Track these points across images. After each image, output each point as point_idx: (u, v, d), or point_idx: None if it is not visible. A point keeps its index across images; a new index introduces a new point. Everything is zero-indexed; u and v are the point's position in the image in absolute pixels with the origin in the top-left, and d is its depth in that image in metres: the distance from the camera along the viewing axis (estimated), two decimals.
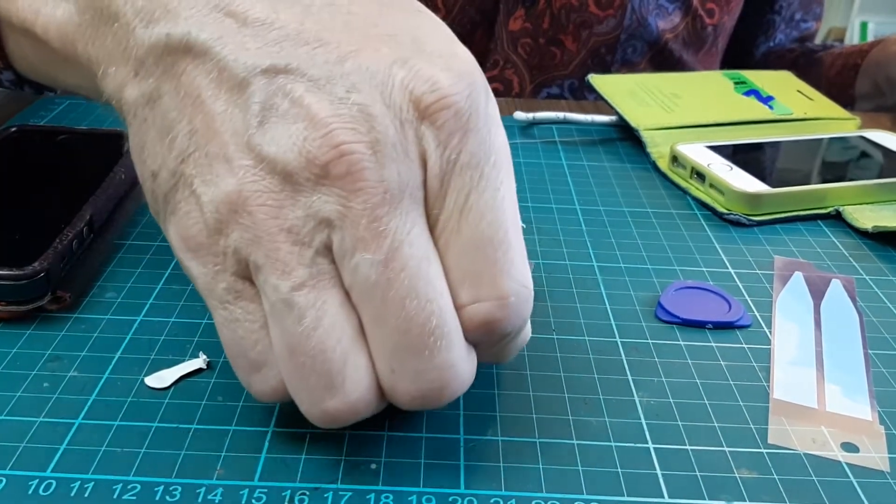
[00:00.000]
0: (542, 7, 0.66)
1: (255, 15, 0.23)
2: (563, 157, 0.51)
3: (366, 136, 0.22)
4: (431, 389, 0.23)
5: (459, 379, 0.23)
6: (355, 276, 0.22)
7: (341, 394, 0.22)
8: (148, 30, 0.24)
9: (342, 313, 0.22)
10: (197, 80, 0.23)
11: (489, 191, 0.23)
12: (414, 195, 0.22)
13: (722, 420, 0.28)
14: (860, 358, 0.32)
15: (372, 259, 0.22)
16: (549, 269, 0.37)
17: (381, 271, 0.22)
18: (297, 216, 0.22)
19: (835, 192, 0.45)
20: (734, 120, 0.56)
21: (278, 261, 0.22)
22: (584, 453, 0.26)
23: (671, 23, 0.69)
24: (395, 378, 0.23)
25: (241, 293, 0.23)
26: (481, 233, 0.23)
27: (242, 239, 0.22)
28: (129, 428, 0.26)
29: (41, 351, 0.30)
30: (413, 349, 0.22)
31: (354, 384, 0.22)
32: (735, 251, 0.40)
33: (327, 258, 0.22)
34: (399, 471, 0.25)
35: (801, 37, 0.80)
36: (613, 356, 0.31)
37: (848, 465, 0.27)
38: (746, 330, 0.34)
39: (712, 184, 0.45)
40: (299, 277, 0.22)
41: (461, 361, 0.23)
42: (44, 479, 0.24)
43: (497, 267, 0.23)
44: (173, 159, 0.24)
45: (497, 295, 0.23)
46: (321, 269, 0.22)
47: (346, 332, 0.22)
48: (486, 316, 0.23)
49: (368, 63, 0.23)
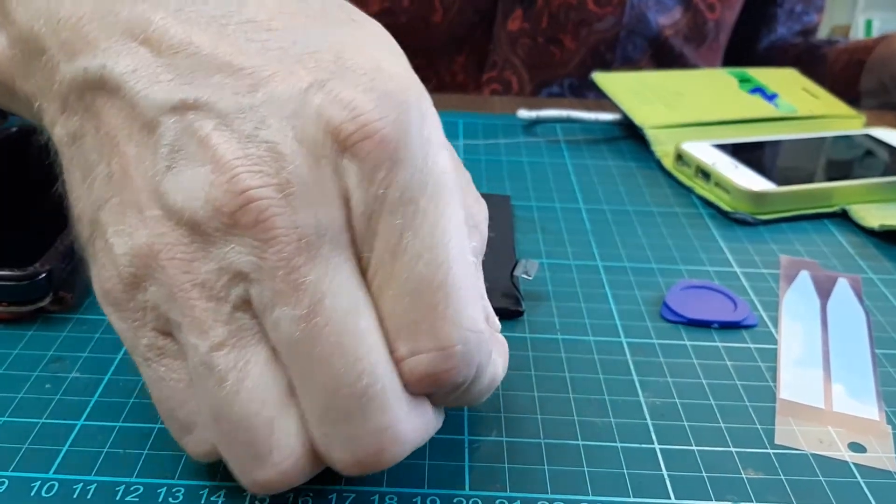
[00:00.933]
0: (540, 6, 0.66)
1: (169, 40, 0.21)
2: (566, 155, 0.51)
3: (274, 178, 0.19)
4: (367, 455, 0.21)
5: (399, 441, 0.21)
6: (278, 333, 0.20)
7: (269, 464, 0.21)
8: (70, 64, 0.22)
9: (268, 373, 0.20)
10: (113, 119, 0.21)
11: (426, 227, 0.20)
12: (336, 239, 0.20)
13: (728, 420, 0.28)
14: (867, 357, 0.32)
15: (292, 314, 0.20)
16: (554, 268, 0.37)
17: (303, 328, 0.20)
18: (209, 270, 0.20)
19: (841, 191, 0.45)
20: (739, 118, 0.55)
21: (194, 318, 0.20)
22: (590, 454, 0.26)
23: (671, 18, 0.69)
24: (327, 443, 0.21)
25: (163, 350, 0.22)
26: (418, 276, 0.20)
27: (159, 295, 0.21)
28: (131, 429, 0.26)
29: (43, 352, 0.30)
30: (343, 413, 0.20)
31: (283, 453, 0.21)
32: (740, 250, 0.40)
33: (248, 313, 0.20)
34: (403, 472, 0.25)
35: (804, 30, 0.80)
36: (618, 356, 0.31)
37: (855, 465, 0.26)
38: (752, 330, 0.34)
39: (717, 182, 0.45)
40: (218, 336, 0.20)
41: (400, 422, 0.21)
42: (46, 480, 0.24)
43: (437, 313, 0.20)
44: (91, 205, 0.22)
45: (439, 345, 0.20)
46: (242, 326, 0.20)
47: (271, 394, 0.20)
48: (428, 369, 0.21)
49: (280, 91, 0.20)
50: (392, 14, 0.66)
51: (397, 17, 0.66)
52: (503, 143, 0.52)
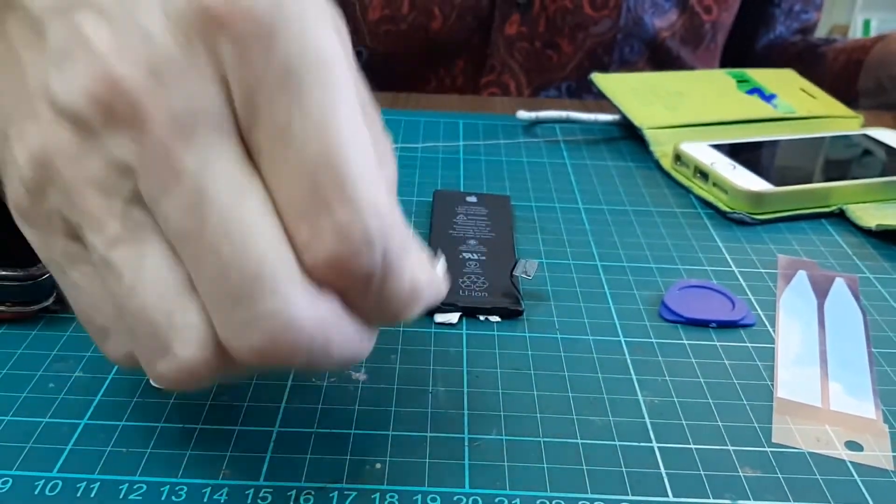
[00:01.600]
0: (536, 11, 0.66)
1: None
2: (566, 156, 0.51)
3: (143, 61, 0.19)
4: (262, 342, 0.20)
5: (293, 328, 0.20)
6: (167, 224, 0.20)
7: (171, 355, 0.20)
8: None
9: (164, 266, 0.20)
10: (13, 31, 0.21)
11: (313, 104, 0.19)
12: (215, 122, 0.19)
13: (726, 419, 0.28)
14: (864, 356, 0.32)
15: (178, 203, 0.19)
16: (553, 268, 0.37)
17: (188, 215, 0.19)
18: (98, 166, 0.20)
19: (838, 191, 0.45)
20: (737, 118, 0.56)
21: (89, 215, 0.20)
22: (589, 452, 0.26)
23: (668, 21, 0.69)
24: (225, 332, 0.20)
25: (74, 256, 0.21)
26: (310, 156, 0.19)
27: (60, 199, 0.20)
28: (134, 428, 0.26)
29: (46, 351, 0.30)
30: (235, 298, 0.19)
31: (185, 343, 0.20)
32: (739, 250, 0.40)
33: (142, 207, 0.20)
34: (404, 470, 0.25)
35: (802, 28, 0.80)
36: (617, 355, 0.31)
37: (852, 463, 0.27)
38: (750, 329, 0.34)
39: (716, 182, 0.45)
40: (112, 231, 0.20)
41: (294, 307, 0.19)
42: (50, 479, 0.24)
43: (334, 194, 0.19)
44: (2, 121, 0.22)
45: (338, 227, 0.19)
46: (137, 221, 0.20)
47: (170, 286, 0.20)
48: (330, 253, 0.20)
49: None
50: (392, 21, 0.66)
51: (398, 24, 0.66)
52: (503, 144, 0.52)
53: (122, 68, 0.19)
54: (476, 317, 0.33)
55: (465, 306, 0.33)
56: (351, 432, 0.27)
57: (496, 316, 0.33)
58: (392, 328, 0.32)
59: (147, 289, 0.20)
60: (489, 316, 0.33)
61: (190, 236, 0.19)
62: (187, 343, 0.20)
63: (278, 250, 0.20)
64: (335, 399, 0.28)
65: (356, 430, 0.27)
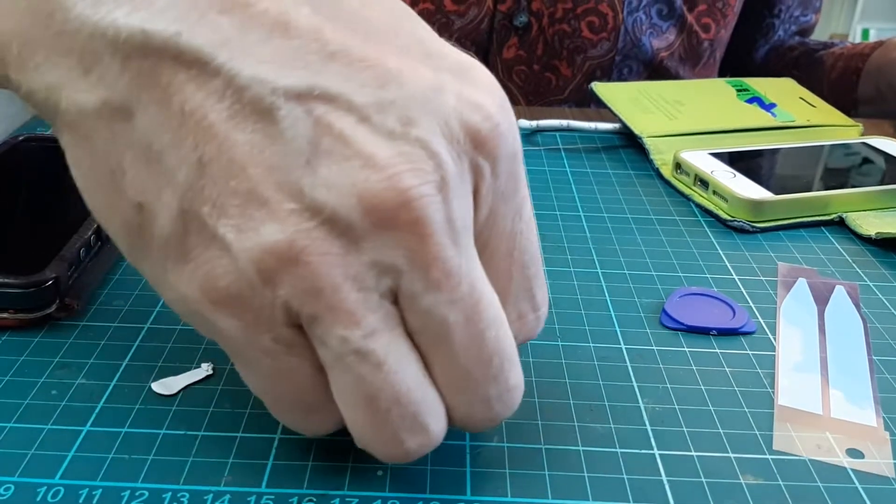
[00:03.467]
0: (534, 34, 0.67)
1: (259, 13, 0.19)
2: (566, 164, 0.51)
3: (431, 175, 0.20)
4: (504, 410, 0.23)
5: (520, 395, 0.24)
6: (428, 318, 0.21)
7: (425, 432, 0.22)
8: (98, 11, 0.19)
9: (412, 353, 0.22)
10: (197, 96, 0.19)
11: (526, 211, 0.23)
12: (469, 227, 0.21)
13: (727, 426, 0.28)
14: (864, 364, 0.32)
15: (448, 298, 0.21)
16: (554, 276, 0.38)
17: (459, 310, 0.21)
18: (360, 264, 0.20)
19: (838, 199, 0.45)
20: (737, 127, 0.56)
21: (343, 311, 0.20)
22: (590, 460, 0.26)
23: (666, 41, 0.69)
24: (468, 407, 0.23)
25: (292, 343, 0.21)
26: (525, 250, 0.23)
27: (296, 290, 0.20)
28: (136, 435, 0.26)
29: (49, 358, 0.30)
30: (494, 377, 0.22)
31: (437, 421, 0.22)
32: (739, 258, 0.40)
33: (390, 300, 0.21)
34: (405, 477, 0.25)
35: (801, 30, 0.80)
36: (618, 363, 0.31)
37: (853, 471, 0.27)
38: (751, 336, 0.34)
39: (716, 191, 0.45)
40: (370, 325, 0.20)
41: (521, 378, 0.24)
42: (52, 486, 0.24)
43: (537, 281, 0.24)
44: (174, 194, 0.20)
45: (537, 307, 0.25)
46: (388, 313, 0.21)
47: (420, 372, 0.22)
48: (536, 328, 0.25)
49: (415, 88, 0.20)
50: None
51: None
52: None
53: (414, 180, 0.19)
54: None
55: None
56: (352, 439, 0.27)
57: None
58: None
59: (407, 375, 0.21)
60: None
61: (455, 327, 0.21)
62: (439, 420, 0.23)
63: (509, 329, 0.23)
64: None
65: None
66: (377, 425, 0.22)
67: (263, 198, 0.19)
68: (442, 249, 0.20)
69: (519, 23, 0.66)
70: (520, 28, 0.66)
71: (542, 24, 0.66)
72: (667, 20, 0.69)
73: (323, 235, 0.20)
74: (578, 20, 0.66)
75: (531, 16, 0.66)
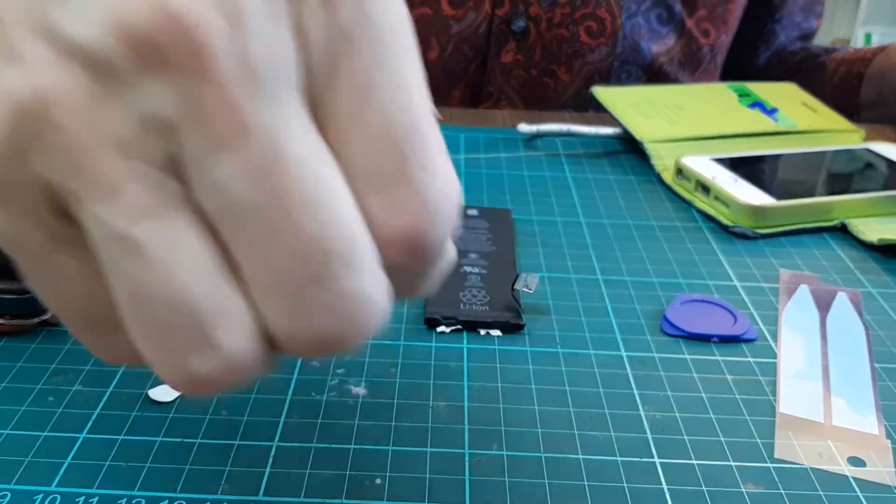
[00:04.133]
0: (533, 39, 0.67)
1: None
2: (567, 169, 0.51)
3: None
4: (338, 326, 0.17)
5: (373, 313, 0.17)
6: (216, 194, 0.16)
7: (213, 348, 0.17)
8: None
9: (204, 245, 0.17)
10: None
11: (395, 65, 0.17)
12: (290, 78, 0.16)
13: (728, 434, 0.28)
14: (866, 371, 0.32)
15: (239, 166, 0.16)
16: (554, 282, 0.37)
17: (254, 182, 0.16)
18: (122, 120, 0.16)
19: (840, 205, 0.45)
20: (738, 132, 0.56)
21: (102, 183, 0.16)
22: (590, 468, 0.26)
23: (665, 46, 0.69)
24: (288, 319, 0.17)
25: (61, 238, 0.17)
26: (391, 118, 0.17)
27: (51, 162, 0.16)
28: (133, 442, 0.26)
29: (46, 365, 0.30)
30: (315, 279, 0.17)
31: (231, 333, 0.17)
32: (740, 264, 0.40)
33: (171, 174, 0.16)
34: (404, 486, 0.25)
35: (803, 35, 0.80)
36: (619, 370, 0.31)
37: (855, 479, 0.26)
38: (752, 343, 0.34)
39: (717, 196, 0.45)
40: (136, 203, 0.16)
41: (376, 291, 0.17)
42: (49, 493, 0.24)
43: (415, 160, 0.17)
44: None
45: (419, 200, 0.17)
46: (168, 192, 0.16)
47: (210, 268, 0.17)
48: (410, 228, 0.17)
49: None
50: None
51: None
52: (504, 157, 0.52)
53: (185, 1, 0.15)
54: (477, 331, 0.33)
55: (466, 320, 0.33)
56: (350, 447, 0.26)
57: (497, 330, 0.33)
58: (392, 342, 0.32)
59: (185, 270, 0.16)
60: (490, 330, 0.33)
61: (252, 208, 0.16)
62: (234, 333, 0.17)
63: (358, 220, 0.17)
64: (334, 414, 0.28)
65: (356, 444, 0.27)
66: (153, 339, 0.17)
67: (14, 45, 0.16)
68: (228, 93, 0.15)
69: (517, 27, 0.66)
70: (518, 33, 0.66)
71: (541, 28, 0.66)
72: (666, 25, 0.69)
73: (74, 85, 0.15)
74: (576, 25, 0.66)
75: (529, 20, 0.66)
